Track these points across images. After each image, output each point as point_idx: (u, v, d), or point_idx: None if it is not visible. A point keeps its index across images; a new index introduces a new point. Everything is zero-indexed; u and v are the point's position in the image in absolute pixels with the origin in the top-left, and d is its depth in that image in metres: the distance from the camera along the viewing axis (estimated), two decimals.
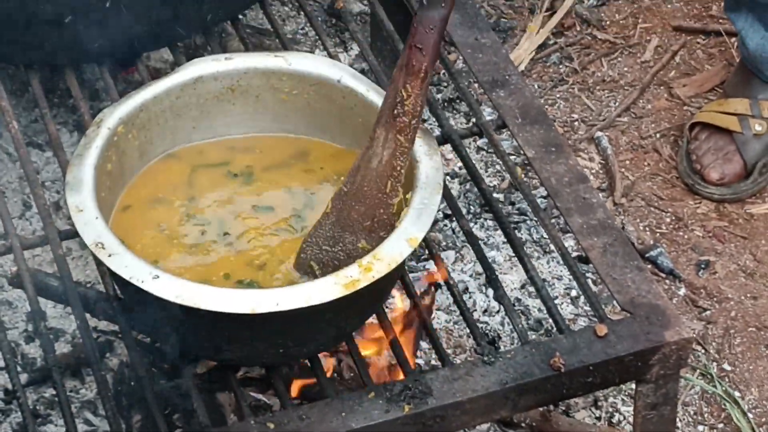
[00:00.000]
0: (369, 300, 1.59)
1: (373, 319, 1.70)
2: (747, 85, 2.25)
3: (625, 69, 2.39)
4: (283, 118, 1.74)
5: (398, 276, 1.65)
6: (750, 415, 1.97)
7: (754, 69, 2.23)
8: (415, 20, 1.50)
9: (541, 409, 1.89)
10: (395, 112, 1.53)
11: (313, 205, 1.70)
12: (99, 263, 1.65)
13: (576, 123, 2.31)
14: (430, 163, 1.60)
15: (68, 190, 1.55)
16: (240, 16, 1.94)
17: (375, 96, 1.68)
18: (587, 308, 1.83)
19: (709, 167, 2.21)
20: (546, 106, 2.29)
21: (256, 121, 1.74)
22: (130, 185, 1.69)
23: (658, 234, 2.17)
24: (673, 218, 2.19)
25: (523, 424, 1.94)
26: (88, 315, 1.68)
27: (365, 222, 1.58)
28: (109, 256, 1.49)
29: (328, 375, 1.75)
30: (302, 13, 2.11)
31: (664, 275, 2.11)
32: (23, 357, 1.95)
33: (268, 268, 1.63)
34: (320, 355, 1.69)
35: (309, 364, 1.67)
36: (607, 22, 2.47)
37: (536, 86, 2.35)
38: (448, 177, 2.17)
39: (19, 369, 1.82)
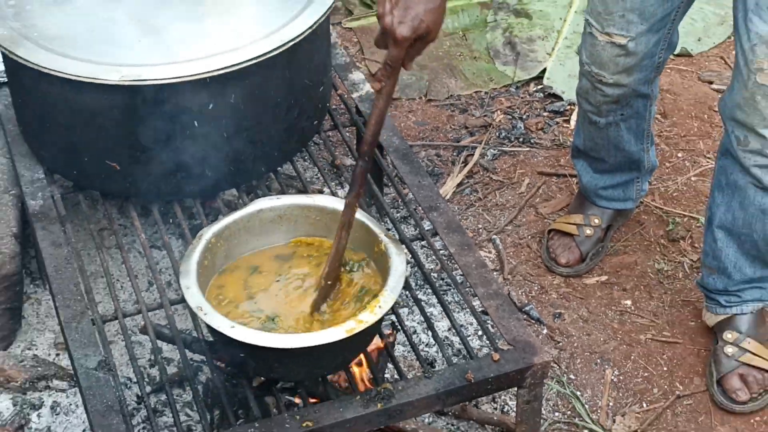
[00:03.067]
0: (357, 343, 1.58)
1: None
2: (582, 206, 2.22)
3: (509, 197, 2.38)
4: (310, 232, 1.72)
5: (378, 329, 1.64)
6: (586, 406, 1.95)
7: (586, 196, 2.21)
8: (346, 204, 1.57)
9: (460, 404, 1.87)
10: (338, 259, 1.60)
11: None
12: (195, 319, 1.65)
13: (480, 230, 2.29)
14: (399, 260, 1.60)
15: (181, 276, 1.57)
16: (278, 168, 1.95)
17: (361, 216, 1.66)
18: (487, 342, 1.78)
19: (559, 256, 2.19)
20: (462, 221, 2.29)
21: (291, 234, 1.72)
22: (220, 273, 1.67)
23: (530, 296, 2.16)
24: (539, 287, 2.17)
25: (449, 413, 1.91)
26: (187, 350, 1.68)
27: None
28: (205, 314, 1.50)
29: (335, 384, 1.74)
30: (315, 166, 2.08)
31: (533, 321, 2.09)
32: (148, 376, 1.93)
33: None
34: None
35: (321, 380, 1.66)
36: (498, 169, 2.45)
37: (456, 208, 2.34)
38: None
39: (145, 383, 1.80)
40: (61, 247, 1.77)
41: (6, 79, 2.00)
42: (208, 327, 1.52)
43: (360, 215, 1.66)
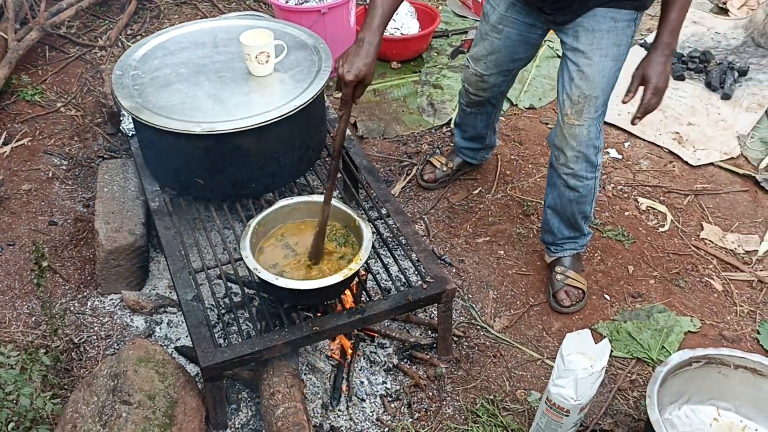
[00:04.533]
0: (347, 282, 1.56)
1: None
2: (450, 155, 2.25)
3: (432, 194, 2.29)
4: (311, 215, 1.69)
5: (357, 274, 1.60)
6: (478, 312, 1.93)
7: (455, 149, 2.23)
8: (327, 188, 1.50)
9: (405, 314, 1.85)
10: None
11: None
12: (250, 273, 1.59)
13: (415, 213, 2.25)
14: (366, 231, 1.58)
15: (241, 249, 1.54)
16: (296, 180, 1.89)
17: (343, 206, 1.63)
18: (420, 277, 1.77)
19: (425, 175, 2.21)
20: (404, 208, 2.24)
21: (300, 217, 1.69)
22: (261, 243, 1.63)
23: (445, 250, 2.11)
24: (450, 245, 2.13)
25: (398, 320, 1.89)
26: (245, 287, 1.65)
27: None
28: (258, 271, 1.47)
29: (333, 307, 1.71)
30: (318, 178, 2.02)
31: (447, 265, 2.06)
32: (222, 303, 1.86)
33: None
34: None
35: (325, 305, 1.63)
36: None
37: (401, 200, 2.28)
38: None
39: (221, 307, 1.78)
40: (170, 229, 1.75)
41: (135, 132, 1.98)
42: (260, 279, 1.50)
43: (342, 205, 1.64)
